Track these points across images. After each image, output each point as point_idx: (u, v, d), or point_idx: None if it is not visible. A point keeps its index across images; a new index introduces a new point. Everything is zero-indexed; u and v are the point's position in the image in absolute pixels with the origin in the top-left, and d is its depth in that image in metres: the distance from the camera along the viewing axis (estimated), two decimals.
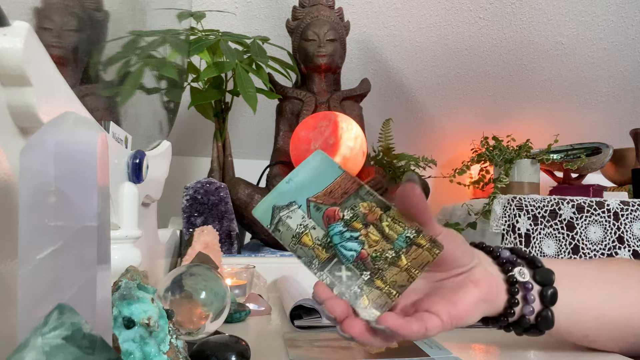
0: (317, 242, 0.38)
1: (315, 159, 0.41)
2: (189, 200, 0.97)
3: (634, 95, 1.74)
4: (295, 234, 0.39)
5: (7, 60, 0.36)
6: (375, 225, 0.38)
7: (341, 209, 0.39)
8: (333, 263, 0.38)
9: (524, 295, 0.42)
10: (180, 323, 0.48)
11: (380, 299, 0.36)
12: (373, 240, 0.38)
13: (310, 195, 0.40)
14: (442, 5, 1.44)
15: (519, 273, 0.42)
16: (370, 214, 0.39)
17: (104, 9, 0.70)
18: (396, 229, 0.38)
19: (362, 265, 0.37)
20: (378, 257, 0.37)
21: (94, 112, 0.52)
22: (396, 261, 0.37)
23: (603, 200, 1.14)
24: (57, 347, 0.21)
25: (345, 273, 0.37)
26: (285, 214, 0.39)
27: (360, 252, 0.38)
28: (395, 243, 0.38)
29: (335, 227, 0.39)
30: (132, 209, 0.58)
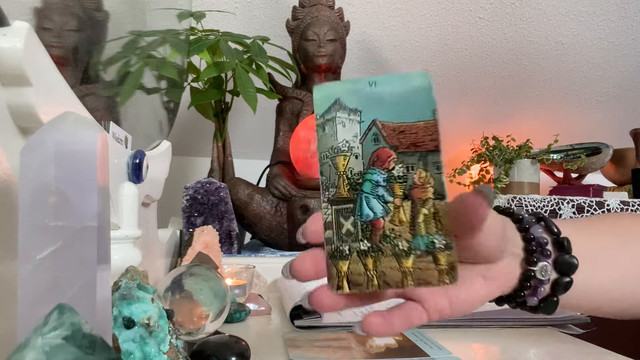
0: (348, 174, 0.32)
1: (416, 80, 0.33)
2: (189, 200, 0.97)
3: (634, 95, 1.74)
4: (335, 147, 0.33)
5: (7, 60, 0.36)
6: (414, 204, 0.32)
7: (397, 159, 0.32)
8: (346, 207, 0.32)
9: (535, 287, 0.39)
10: (180, 323, 0.48)
11: (359, 278, 0.31)
12: (399, 218, 0.32)
13: (381, 118, 0.32)
14: (442, 5, 1.44)
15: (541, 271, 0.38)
16: (420, 189, 0.32)
17: (104, 9, 0.70)
18: (429, 226, 0.31)
19: (369, 233, 0.32)
20: (389, 239, 0.32)
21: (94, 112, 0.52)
22: (402, 257, 0.31)
23: (603, 200, 1.14)
24: (57, 347, 0.21)
25: (349, 227, 0.32)
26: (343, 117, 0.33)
27: (377, 220, 0.32)
28: (416, 239, 0.31)
29: (376, 173, 0.32)
30: (132, 209, 0.58)
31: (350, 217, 0.32)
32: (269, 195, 1.12)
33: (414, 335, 0.53)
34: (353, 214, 0.32)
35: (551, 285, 0.39)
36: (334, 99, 0.33)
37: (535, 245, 0.38)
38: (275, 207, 1.11)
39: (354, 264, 0.32)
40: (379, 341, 0.51)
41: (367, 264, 0.32)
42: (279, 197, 1.11)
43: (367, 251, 0.32)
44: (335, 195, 0.32)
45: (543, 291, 0.39)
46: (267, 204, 1.11)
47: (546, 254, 0.38)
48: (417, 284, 0.31)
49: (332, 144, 0.33)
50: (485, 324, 0.60)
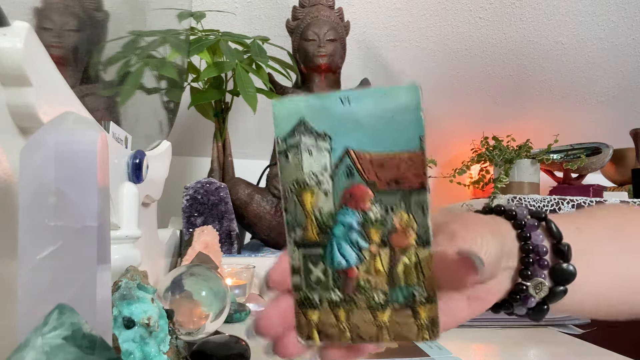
0: (316, 214, 0.28)
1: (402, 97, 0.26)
2: (189, 200, 0.97)
3: (634, 95, 1.74)
4: (300, 180, 0.28)
5: (7, 60, 0.36)
6: (393, 253, 0.27)
7: (374, 199, 0.27)
8: (314, 252, 0.28)
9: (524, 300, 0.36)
10: (180, 323, 0.48)
11: (331, 330, 0.28)
12: (375, 267, 0.27)
13: (356, 145, 0.27)
14: (442, 5, 1.44)
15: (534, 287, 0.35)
16: (400, 234, 0.27)
17: (104, 9, 0.70)
18: (410, 277, 0.27)
19: (341, 283, 0.28)
20: (363, 291, 0.28)
21: (94, 112, 0.52)
22: (377, 310, 0.28)
23: (603, 200, 1.14)
24: (57, 347, 0.21)
25: (319, 274, 0.28)
26: (309, 144, 0.27)
27: (350, 269, 0.28)
28: (395, 290, 0.27)
29: (349, 215, 0.27)
30: (132, 209, 0.58)
31: (319, 264, 0.28)
32: (269, 195, 1.12)
33: None
34: (323, 260, 0.28)
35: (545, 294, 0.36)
36: (297, 119, 0.27)
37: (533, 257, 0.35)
38: (275, 207, 1.11)
39: (324, 315, 0.28)
40: None
41: (339, 316, 0.28)
42: (279, 197, 1.11)
43: (338, 302, 0.28)
44: (302, 238, 0.28)
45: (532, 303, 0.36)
46: (267, 204, 1.11)
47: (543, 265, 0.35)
48: (394, 338, 0.28)
49: (296, 176, 0.27)
50: (485, 324, 0.60)
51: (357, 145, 0.27)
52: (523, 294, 0.35)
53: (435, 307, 0.27)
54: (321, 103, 0.27)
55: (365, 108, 0.26)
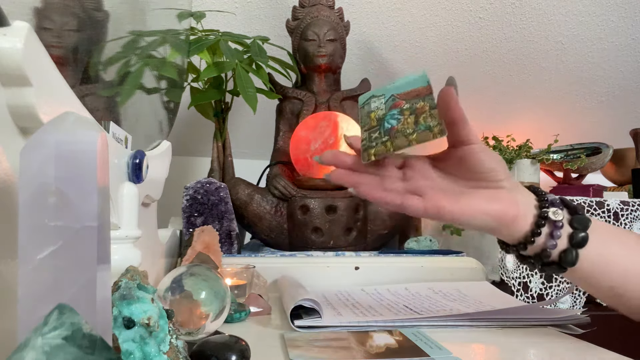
0: (377, 117, 0.52)
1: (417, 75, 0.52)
2: (189, 200, 0.97)
3: (634, 95, 1.74)
4: (369, 110, 0.53)
5: (7, 60, 0.36)
6: (417, 115, 0.48)
7: (406, 102, 0.50)
8: (374, 128, 0.51)
9: (551, 232, 0.43)
10: (180, 323, 0.48)
11: (381, 151, 0.49)
12: (407, 122, 0.48)
13: (396, 93, 0.52)
14: (442, 5, 1.44)
15: (554, 213, 0.44)
16: (421, 108, 0.48)
17: (104, 9, 0.70)
18: (427, 120, 0.47)
19: (388, 132, 0.49)
20: (401, 132, 0.48)
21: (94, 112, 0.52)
22: (409, 135, 0.47)
23: (603, 200, 1.14)
24: (57, 347, 0.21)
25: (376, 135, 0.50)
26: (374, 99, 0.54)
27: (393, 126, 0.49)
28: (418, 126, 0.47)
29: (393, 111, 0.51)
30: (132, 209, 0.58)
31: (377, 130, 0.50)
32: (269, 195, 1.12)
33: (414, 335, 0.53)
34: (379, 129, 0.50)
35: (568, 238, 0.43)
36: (370, 95, 0.56)
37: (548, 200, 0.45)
38: (275, 207, 1.11)
39: (378, 147, 0.49)
40: (378, 341, 0.51)
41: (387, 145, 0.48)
42: (279, 197, 1.11)
43: (387, 140, 0.49)
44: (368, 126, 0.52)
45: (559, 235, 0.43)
46: (267, 204, 1.11)
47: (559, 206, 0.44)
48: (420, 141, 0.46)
49: (367, 110, 0.54)
50: (485, 324, 0.60)
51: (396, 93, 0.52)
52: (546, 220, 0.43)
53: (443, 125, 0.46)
54: (382, 88, 0.55)
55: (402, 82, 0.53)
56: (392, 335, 0.54)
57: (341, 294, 0.80)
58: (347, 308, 0.67)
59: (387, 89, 0.53)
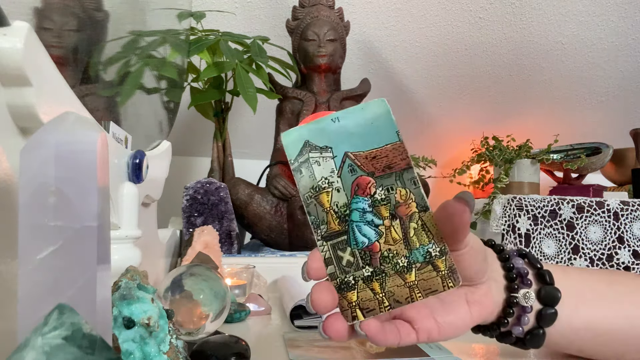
0: (335, 208, 0.34)
1: (375, 108, 0.34)
2: (189, 200, 0.97)
3: (634, 95, 1.74)
4: (316, 186, 0.34)
5: (7, 60, 0.36)
6: (402, 221, 0.33)
7: (376, 184, 0.34)
8: (340, 240, 0.34)
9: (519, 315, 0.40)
10: (180, 323, 0.48)
11: (370, 303, 0.33)
12: (392, 237, 0.33)
13: (352, 149, 0.34)
14: (442, 5, 1.44)
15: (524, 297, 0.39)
16: (404, 206, 0.34)
17: (104, 9, 0.70)
18: (421, 238, 0.33)
19: (369, 259, 0.33)
20: (388, 260, 0.33)
21: (94, 112, 0.52)
22: (404, 273, 0.33)
23: (603, 200, 1.14)
24: (57, 347, 0.21)
25: (348, 257, 0.33)
26: (316, 157, 0.35)
27: (373, 244, 0.33)
28: (413, 252, 0.33)
29: (360, 201, 0.34)
30: (132, 209, 0.58)
31: (347, 248, 0.33)
32: (269, 195, 1.12)
33: None
34: (348, 244, 0.33)
35: (536, 316, 0.40)
36: (303, 141, 0.35)
37: (516, 274, 0.40)
38: (275, 207, 1.11)
39: (362, 292, 0.33)
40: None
41: (375, 288, 0.33)
42: (279, 197, 1.11)
43: (371, 276, 0.33)
44: (327, 231, 0.34)
45: (527, 321, 0.40)
46: (267, 204, 1.11)
47: (527, 283, 0.40)
48: (425, 295, 0.33)
49: (312, 184, 0.34)
50: None
51: (353, 148, 0.34)
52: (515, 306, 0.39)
53: (450, 257, 0.33)
54: (318, 126, 0.35)
55: (351, 121, 0.34)
56: None
57: None
58: None
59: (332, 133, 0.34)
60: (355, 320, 0.33)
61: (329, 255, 0.33)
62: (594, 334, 0.42)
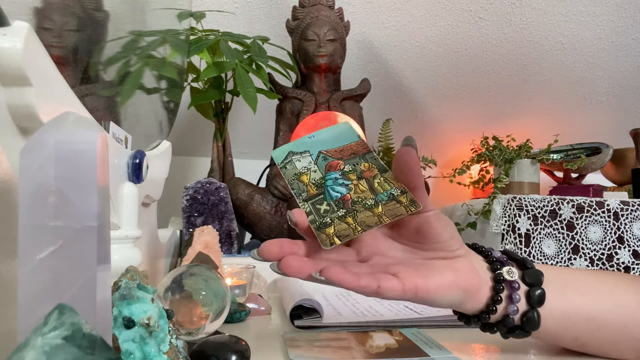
0: (313, 182, 0.42)
1: (340, 126, 0.46)
2: (189, 200, 0.97)
3: (634, 95, 1.74)
4: (297, 172, 0.43)
5: (7, 60, 0.36)
6: (367, 180, 0.41)
7: (344, 163, 0.43)
8: (318, 198, 0.41)
9: (510, 294, 0.41)
10: (180, 323, 0.48)
11: (345, 231, 0.38)
12: (360, 189, 0.41)
13: (324, 149, 0.44)
14: (442, 5, 1.44)
15: (507, 272, 0.42)
16: (368, 171, 0.42)
17: (104, 9, 0.70)
18: (384, 186, 0.41)
19: (342, 204, 0.40)
20: (358, 202, 0.40)
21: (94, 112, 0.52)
22: (372, 208, 0.39)
23: (603, 200, 1.14)
24: (57, 347, 0.21)
25: (325, 207, 0.40)
26: (297, 157, 0.44)
27: (344, 195, 0.41)
28: (379, 195, 0.40)
29: (332, 174, 0.42)
30: (132, 209, 0.58)
31: (323, 202, 0.41)
32: (269, 195, 1.12)
33: (413, 335, 0.53)
34: (325, 199, 0.41)
35: (526, 297, 0.42)
36: (287, 152, 0.45)
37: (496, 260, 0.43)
38: (275, 207, 1.11)
39: (337, 226, 0.39)
40: (378, 341, 0.51)
41: (349, 221, 0.39)
42: (279, 197, 1.11)
43: (345, 215, 0.40)
44: (308, 195, 0.42)
45: (519, 298, 0.41)
46: (267, 204, 1.11)
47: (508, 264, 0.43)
48: (391, 218, 0.38)
49: (294, 172, 0.43)
50: None
51: (325, 148, 0.45)
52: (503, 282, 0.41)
53: (409, 194, 0.40)
54: (298, 141, 0.46)
55: (324, 135, 0.46)
56: (392, 335, 0.54)
57: (341, 294, 0.80)
58: (347, 308, 0.67)
59: (309, 144, 0.45)
60: (332, 245, 0.38)
61: (309, 210, 0.41)
62: (585, 317, 0.43)
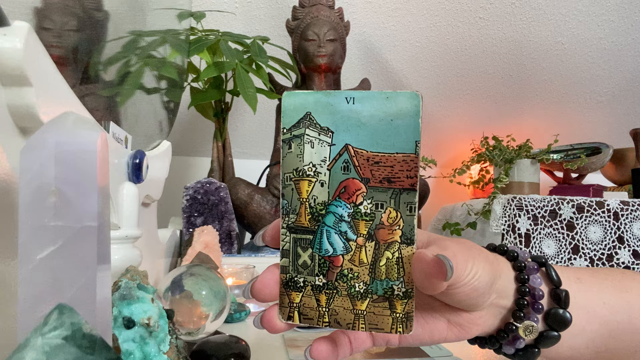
0: (311, 202, 0.30)
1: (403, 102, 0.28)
2: (189, 200, 0.97)
3: (634, 95, 1.74)
4: (300, 169, 0.30)
5: (7, 60, 0.36)
6: (378, 246, 0.29)
7: (366, 195, 0.29)
8: (305, 238, 0.30)
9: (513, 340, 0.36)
10: (180, 323, 0.48)
11: (311, 312, 0.30)
12: (360, 258, 0.29)
13: (355, 143, 0.29)
14: (442, 5, 1.44)
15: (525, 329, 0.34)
16: (387, 230, 0.29)
17: (104, 9, 0.70)
18: (391, 271, 0.29)
19: (326, 270, 0.30)
20: (346, 279, 0.30)
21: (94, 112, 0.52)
22: (356, 299, 0.30)
23: (603, 200, 1.14)
24: (57, 347, 0.21)
25: (306, 259, 0.30)
26: (312, 136, 0.29)
27: (336, 257, 0.30)
28: (375, 282, 0.29)
29: (341, 206, 0.29)
30: (132, 209, 0.58)
31: (308, 249, 0.30)
32: (269, 195, 1.12)
33: None
34: (312, 246, 0.30)
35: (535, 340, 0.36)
36: (304, 112, 0.29)
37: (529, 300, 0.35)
38: (275, 207, 1.11)
39: (306, 298, 0.30)
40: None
41: (320, 300, 0.30)
42: (279, 197, 1.11)
43: (321, 287, 0.30)
44: (295, 223, 0.30)
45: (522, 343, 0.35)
46: (267, 204, 1.11)
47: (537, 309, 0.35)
48: (368, 328, 0.30)
49: (297, 165, 0.30)
50: None
51: (356, 142, 0.29)
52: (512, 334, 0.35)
53: (412, 302, 0.29)
54: (327, 99, 0.29)
55: (367, 109, 0.28)
56: None
57: None
58: None
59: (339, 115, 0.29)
60: (289, 320, 0.30)
61: (287, 248, 0.30)
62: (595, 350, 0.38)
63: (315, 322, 0.30)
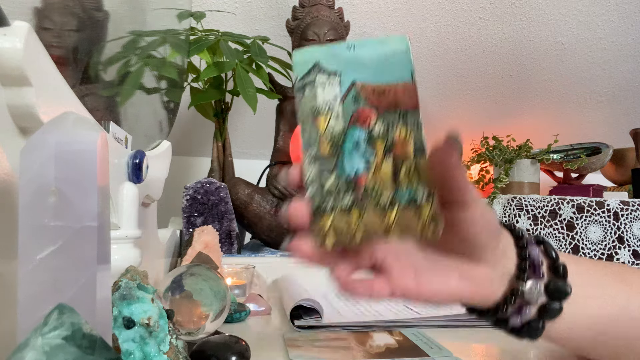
0: (329, 133, 0.32)
1: (394, 44, 0.33)
2: (189, 200, 0.97)
3: (634, 95, 1.74)
4: (315, 108, 0.32)
5: (7, 60, 0.36)
6: (395, 160, 0.32)
7: (377, 118, 0.32)
8: (327, 165, 0.32)
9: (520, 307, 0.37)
10: (180, 323, 0.48)
11: (342, 233, 0.32)
12: (382, 173, 0.32)
13: (361, 79, 0.33)
14: (442, 5, 1.44)
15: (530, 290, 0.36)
16: (401, 145, 0.32)
17: (104, 9, 0.70)
18: (411, 179, 0.31)
19: (352, 190, 0.32)
20: (371, 194, 0.32)
21: (94, 112, 0.52)
22: (384, 211, 0.31)
23: (603, 200, 1.14)
24: (57, 347, 0.21)
25: (331, 183, 0.32)
26: (322, 79, 0.33)
27: (359, 176, 0.32)
28: (399, 192, 0.31)
29: (356, 131, 0.32)
30: (132, 209, 0.58)
31: (332, 175, 0.32)
32: (269, 195, 1.12)
33: (414, 335, 0.53)
34: (335, 171, 0.32)
35: (538, 308, 0.37)
36: (313, 63, 0.33)
37: (530, 264, 0.36)
38: (275, 207, 1.11)
39: (337, 219, 0.32)
40: (378, 341, 0.51)
41: (350, 219, 0.32)
42: (279, 197, 1.11)
43: (350, 207, 0.32)
44: (317, 153, 0.32)
45: (528, 313, 0.37)
46: (267, 204, 1.11)
47: (539, 275, 0.37)
48: (398, 237, 0.31)
49: (312, 105, 0.32)
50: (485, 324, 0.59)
51: (362, 78, 0.33)
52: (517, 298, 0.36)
53: (436, 204, 0.31)
54: (332, 50, 0.33)
55: (366, 52, 0.33)
56: (392, 335, 0.54)
57: None
58: (347, 308, 0.67)
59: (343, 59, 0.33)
60: (322, 246, 0.32)
61: (312, 178, 0.32)
62: (596, 332, 0.39)
63: (348, 242, 0.32)
